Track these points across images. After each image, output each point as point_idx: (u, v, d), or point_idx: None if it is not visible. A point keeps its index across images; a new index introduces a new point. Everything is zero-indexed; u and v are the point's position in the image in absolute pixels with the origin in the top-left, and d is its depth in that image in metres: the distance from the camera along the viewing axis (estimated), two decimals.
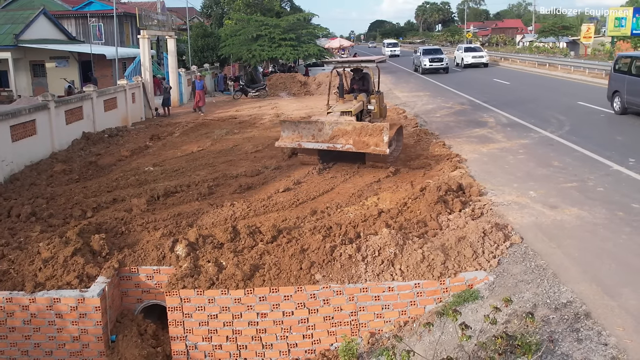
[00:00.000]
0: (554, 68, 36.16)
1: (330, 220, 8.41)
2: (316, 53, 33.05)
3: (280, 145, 11.99)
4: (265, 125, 18.52)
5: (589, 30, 52.55)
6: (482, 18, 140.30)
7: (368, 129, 11.07)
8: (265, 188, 10.54)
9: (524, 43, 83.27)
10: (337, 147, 11.20)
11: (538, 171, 11.01)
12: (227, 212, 9.04)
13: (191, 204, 9.77)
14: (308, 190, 10.13)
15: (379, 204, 9.17)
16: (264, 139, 15.71)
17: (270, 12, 39.29)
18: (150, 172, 12.21)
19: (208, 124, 19.23)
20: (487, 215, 8.48)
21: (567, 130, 14.95)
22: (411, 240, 7.01)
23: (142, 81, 21.57)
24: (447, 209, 8.42)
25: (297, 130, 11.70)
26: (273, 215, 8.96)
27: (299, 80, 29.46)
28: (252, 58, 31.79)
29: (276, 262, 6.90)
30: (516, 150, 12.93)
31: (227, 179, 11.30)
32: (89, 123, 16.50)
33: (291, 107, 23.12)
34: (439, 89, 27.67)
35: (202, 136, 16.63)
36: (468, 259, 6.86)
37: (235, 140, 15.75)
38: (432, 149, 13.29)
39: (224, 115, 21.67)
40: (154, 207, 9.76)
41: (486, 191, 9.66)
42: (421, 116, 18.74)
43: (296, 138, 11.67)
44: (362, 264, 6.70)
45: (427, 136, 15.11)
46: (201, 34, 35.50)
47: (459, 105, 21.24)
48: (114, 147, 15.28)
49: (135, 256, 7.53)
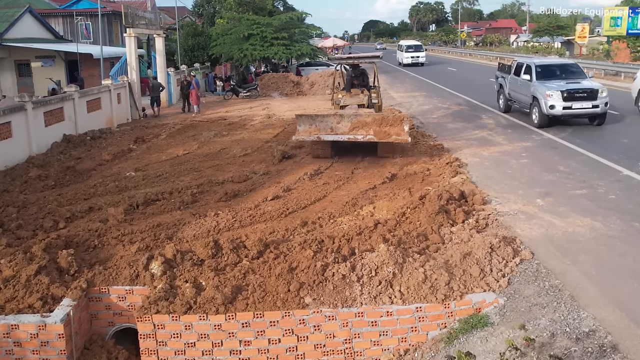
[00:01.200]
0: None
1: (322, 232, 7.71)
2: (309, 52, 32.28)
3: (298, 139, 12.09)
4: (256, 126, 17.79)
5: (583, 30, 52.17)
6: (476, 18, 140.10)
7: (389, 120, 11.53)
8: (252, 195, 9.82)
9: (517, 43, 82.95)
10: (358, 138, 11.45)
11: (544, 176, 10.36)
12: (211, 223, 8.32)
13: (172, 214, 9.04)
14: (299, 198, 9.41)
15: (375, 214, 8.48)
16: (254, 141, 14.99)
17: (263, 11, 38.52)
18: (131, 178, 11.46)
19: (196, 125, 18.47)
20: (493, 226, 7.81)
21: (569, 132, 14.32)
22: (411, 257, 6.32)
23: (129, 81, 20.79)
24: (449, 220, 7.74)
25: (315, 124, 11.89)
26: (260, 226, 8.24)
27: (291, 80, 28.69)
28: (243, 57, 31.00)
29: (261, 282, 6.18)
30: (518, 154, 12.28)
31: (213, 186, 10.57)
32: (70, 125, 15.72)
33: (283, 108, 22.39)
34: (435, 89, 27.03)
35: (189, 138, 15.87)
36: (475, 278, 6.18)
37: (224, 143, 15.00)
38: (431, 153, 12.61)
39: (214, 116, 20.90)
40: (132, 216, 9.02)
41: (490, 199, 9.00)
42: (417, 117, 18.07)
43: (314, 131, 11.79)
44: (357, 285, 6.00)
45: (425, 138, 14.43)
46: (191, 32, 34.69)
47: (456, 106, 20.59)
48: (96, 151, 14.51)
49: (106, 274, 6.80)
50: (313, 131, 11.82)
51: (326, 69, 35.58)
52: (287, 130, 16.70)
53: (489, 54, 53.51)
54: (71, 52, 29.04)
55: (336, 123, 11.78)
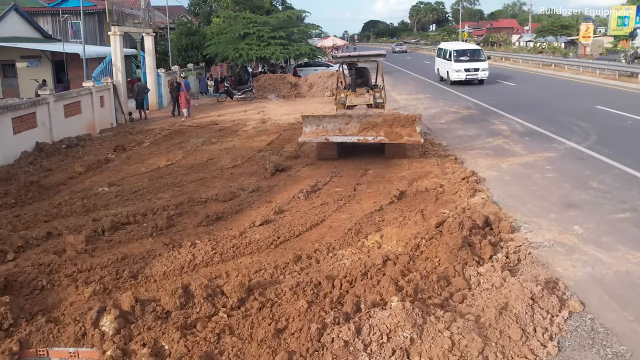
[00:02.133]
0: (560, 69, 34.20)
1: (320, 270, 6.31)
2: (308, 52, 30.90)
3: (305, 141, 11.69)
4: (249, 133, 16.38)
5: (588, 29, 50.93)
6: (477, 18, 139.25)
7: (400, 120, 11.12)
8: (238, 219, 8.41)
9: (519, 42, 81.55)
10: (369, 139, 11.11)
11: (576, 195, 8.97)
12: (185, 257, 6.91)
13: (143, 242, 7.63)
14: (292, 223, 8.00)
15: (382, 245, 7.08)
16: (246, 150, 13.58)
17: (260, 10, 37.11)
18: (102, 195, 10.06)
19: (185, 131, 17.08)
20: (526, 262, 6.43)
21: (594, 140, 12.94)
22: (433, 315, 4.91)
23: (113, 82, 19.39)
24: (474, 256, 6.34)
25: (322, 125, 11.50)
26: (245, 260, 6.84)
27: (289, 82, 27.25)
28: (239, 57, 29.61)
29: (240, 350, 4.78)
30: (542, 166, 10.89)
31: (194, 205, 9.16)
32: (44, 132, 14.31)
33: (279, 112, 20.99)
34: (440, 91, 25.64)
35: (174, 146, 14.45)
36: (515, 342, 4.78)
37: (212, 152, 13.59)
38: (442, 165, 11.22)
39: (205, 120, 19.51)
40: (95, 245, 7.62)
41: (518, 225, 7.61)
42: (425, 123, 16.65)
43: (321, 132, 11.43)
44: (363, 356, 4.60)
45: (434, 147, 13.04)
46: (185, 32, 33.24)
47: (465, 110, 19.20)
48: (70, 161, 13.09)
49: (46, 331, 5.38)
50: (320, 132, 11.44)
51: (325, 69, 34.18)
52: (282, 137, 15.31)
53: (492, 54, 52.04)
54: (58, 52, 27.65)
55: (344, 124, 11.37)
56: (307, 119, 11.66)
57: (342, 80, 15.83)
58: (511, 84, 27.79)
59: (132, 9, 21.97)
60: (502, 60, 47.14)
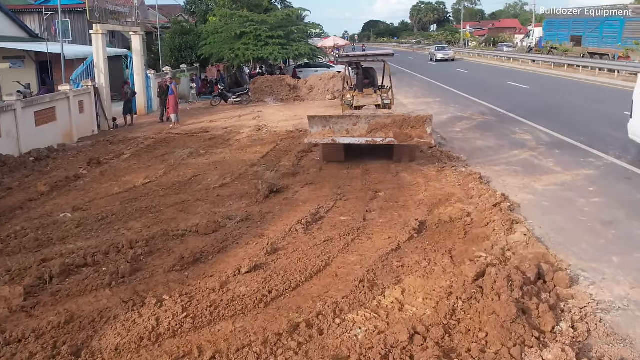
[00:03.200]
0: (574, 70, 32.50)
1: (324, 347, 4.69)
2: (308, 53, 29.21)
3: (311, 142, 11.43)
4: (242, 142, 14.74)
5: None
6: (478, 18, 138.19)
7: (410, 121, 10.80)
8: (221, 261, 6.75)
9: (523, 42, 79.84)
10: (377, 141, 10.72)
11: (635, 228, 7.33)
12: (147, 322, 5.26)
13: (97, 295, 5.98)
14: (288, 269, 6.35)
15: (405, 305, 5.43)
16: (237, 164, 11.93)
17: (259, 9, 35.43)
18: (62, 223, 8.41)
19: (171, 140, 15.45)
20: (599, 335, 4.81)
21: (636, 154, 11.29)
22: None
23: (95, 86, 17.76)
24: (532, 330, 4.69)
25: (329, 125, 11.18)
26: (225, 327, 5.19)
27: (287, 84, 25.58)
28: (235, 58, 27.95)
29: None
30: (584, 188, 9.25)
31: (168, 240, 7.51)
32: (9, 143, 12.68)
33: (277, 117, 19.36)
34: (450, 94, 24.01)
35: (156, 159, 12.81)
36: None
37: (198, 166, 11.94)
38: (465, 185, 9.57)
39: (195, 127, 17.87)
40: (37, 299, 5.97)
41: (575, 274, 5.97)
42: (437, 131, 15.05)
43: (328, 133, 11.10)
44: None
45: (452, 162, 11.40)
46: (179, 31, 31.52)
47: (479, 116, 17.57)
48: (35, 177, 11.45)
49: None
50: (327, 133, 11.11)
51: (326, 70, 32.57)
52: (279, 148, 13.67)
53: (500, 54, 50.35)
54: (42, 52, 25.99)
55: (352, 125, 11.04)
56: (313, 119, 11.26)
57: (348, 81, 15.20)
58: (524, 86, 26.14)
59: (118, 7, 20.33)
60: (510, 61, 45.45)
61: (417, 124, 10.70)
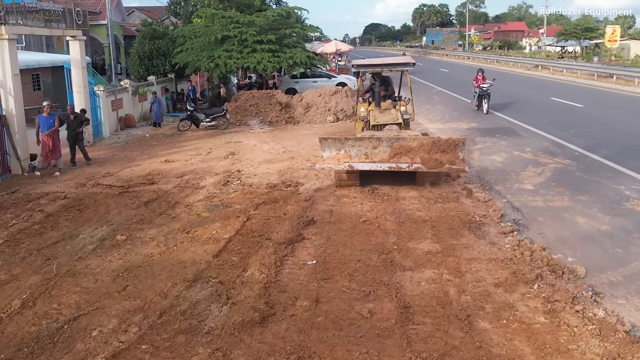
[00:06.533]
0: (628, 82, 27.04)
1: None
2: (305, 61, 23.56)
3: (324, 168, 10.24)
4: (194, 210, 9.30)
5: (614, 32, 44.65)
6: (482, 21, 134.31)
7: (441, 144, 9.70)
8: None
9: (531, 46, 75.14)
10: (402, 167, 9.61)
11: None
12: None
13: None
14: None
15: None
16: (166, 279, 6.50)
17: (250, 9, 30.00)
18: None
19: (91, 201, 10.06)
20: None
21: None
22: None
23: (1, 114, 12.46)
24: None
25: (344, 148, 10.12)
26: None
27: (277, 102, 20.06)
28: (215, 68, 22.55)
29: None
30: None
31: None
32: None
33: (259, 154, 13.98)
34: (487, 118, 18.52)
35: (37, 257, 7.39)
36: None
37: (95, 283, 6.50)
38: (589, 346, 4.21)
39: (137, 172, 12.46)
40: None
41: None
42: (490, 183, 9.79)
43: (344, 158, 10.01)
44: None
45: (563, 282, 6.02)
46: (149, 34, 26.09)
47: (548, 158, 12.18)
48: None
49: None
50: (342, 158, 9.97)
51: (327, 81, 27.20)
52: (250, 226, 8.26)
53: (522, 61, 44.87)
54: None
55: (372, 148, 9.94)
56: (325, 141, 10.30)
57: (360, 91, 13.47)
58: (575, 104, 20.75)
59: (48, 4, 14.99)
60: (537, 68, 39.83)
61: (448, 147, 9.64)
